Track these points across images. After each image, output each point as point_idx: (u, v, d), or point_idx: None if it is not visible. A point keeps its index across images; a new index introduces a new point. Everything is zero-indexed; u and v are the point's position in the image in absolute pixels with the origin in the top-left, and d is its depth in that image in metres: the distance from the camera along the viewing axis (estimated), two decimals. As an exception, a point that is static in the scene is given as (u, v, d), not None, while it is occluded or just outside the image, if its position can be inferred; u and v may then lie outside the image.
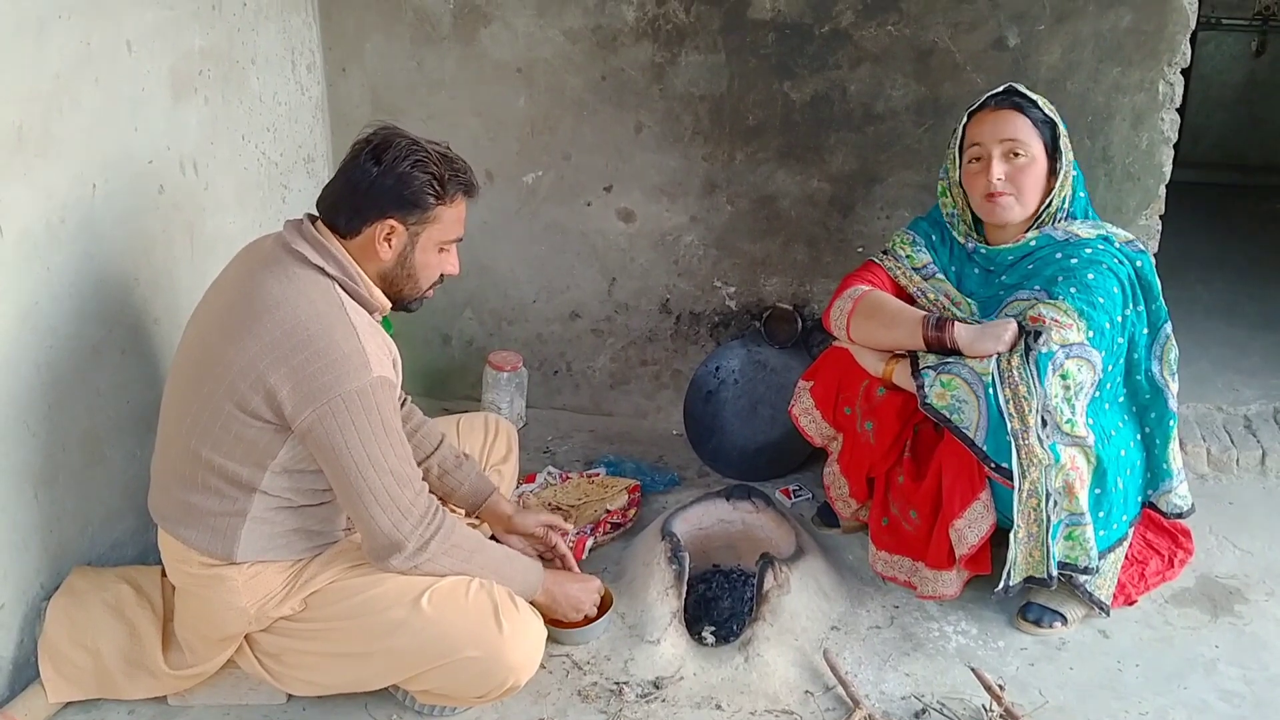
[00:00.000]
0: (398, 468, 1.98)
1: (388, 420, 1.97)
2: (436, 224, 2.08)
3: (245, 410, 1.95)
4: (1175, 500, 2.54)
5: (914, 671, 2.32)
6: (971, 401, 2.25)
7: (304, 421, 1.92)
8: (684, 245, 3.29)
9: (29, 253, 2.12)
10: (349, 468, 1.94)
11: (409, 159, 2.01)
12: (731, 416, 3.17)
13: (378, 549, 2.01)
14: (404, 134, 2.06)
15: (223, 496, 2.02)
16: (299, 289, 1.98)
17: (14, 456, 2.13)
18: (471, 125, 3.27)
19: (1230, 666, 2.34)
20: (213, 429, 1.98)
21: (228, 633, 2.09)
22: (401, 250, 2.08)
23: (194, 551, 2.06)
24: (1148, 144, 2.90)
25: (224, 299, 2.05)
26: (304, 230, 2.05)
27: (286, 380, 1.92)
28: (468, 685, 2.06)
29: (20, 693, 2.15)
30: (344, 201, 2.05)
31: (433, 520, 2.03)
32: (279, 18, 3.00)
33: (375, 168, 2.01)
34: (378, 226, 2.03)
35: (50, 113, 2.15)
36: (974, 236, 2.53)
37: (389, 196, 2.02)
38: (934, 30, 2.93)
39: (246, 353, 1.94)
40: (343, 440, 1.93)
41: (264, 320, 1.95)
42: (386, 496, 1.96)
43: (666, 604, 2.40)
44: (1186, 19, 2.78)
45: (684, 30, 3.06)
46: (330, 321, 1.95)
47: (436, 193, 2.04)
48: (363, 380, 1.93)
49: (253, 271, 2.03)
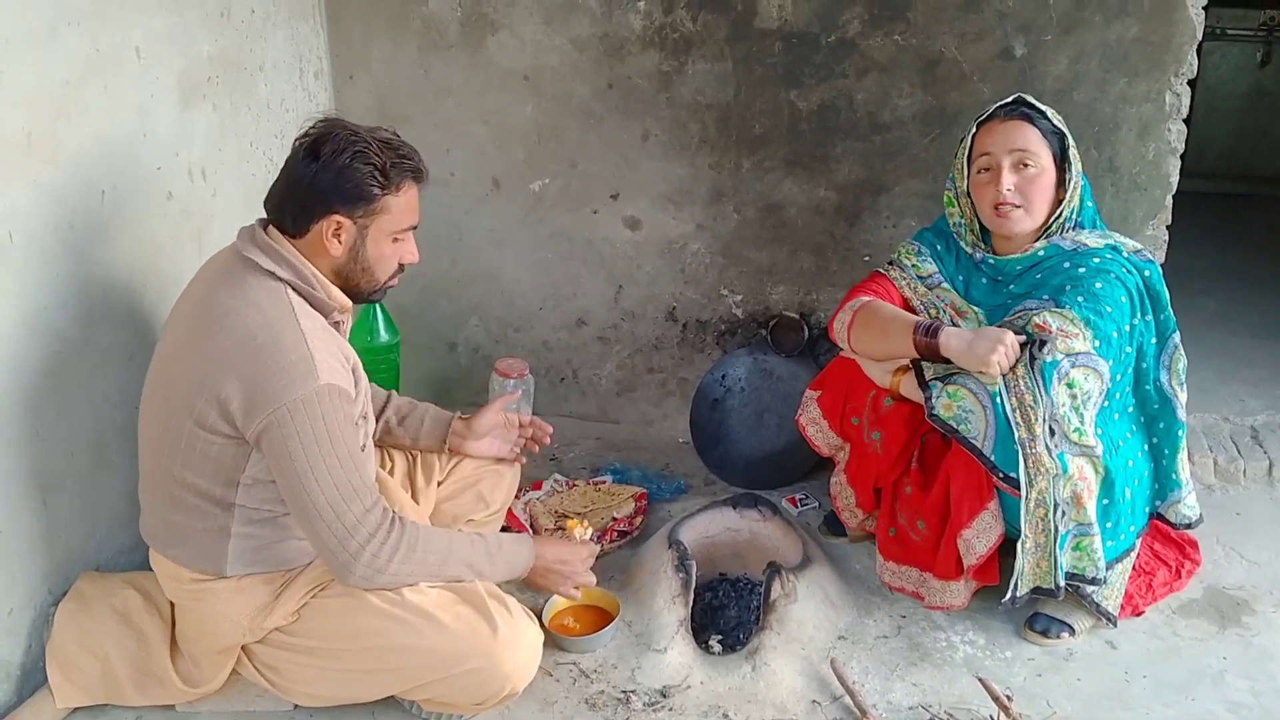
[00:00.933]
0: (344, 481, 1.91)
1: (335, 430, 1.91)
2: (385, 214, 2.04)
3: (204, 426, 1.93)
4: (1184, 511, 2.53)
5: (921, 681, 2.31)
6: (978, 412, 2.24)
7: (254, 431, 1.90)
8: (690, 253, 3.29)
9: (37, 258, 2.12)
10: (294, 480, 1.90)
11: (347, 151, 1.96)
12: (738, 425, 3.17)
13: (331, 567, 1.97)
14: (344, 125, 2.01)
15: (203, 514, 2.01)
16: (248, 298, 1.95)
17: (22, 462, 2.13)
18: (478, 133, 3.27)
19: (1238, 678, 2.33)
20: (179, 447, 1.97)
21: (223, 644, 2.09)
22: (352, 245, 2.04)
23: (184, 569, 2.06)
24: (1154, 154, 2.90)
25: (182, 313, 2.05)
26: (256, 236, 2.02)
27: (237, 391, 1.89)
28: (465, 695, 2.06)
29: (28, 698, 2.15)
30: (287, 201, 2.01)
31: (387, 537, 1.96)
32: (287, 25, 3.00)
33: (314, 163, 1.96)
34: (324, 223, 2.00)
35: (59, 119, 2.15)
36: (981, 246, 2.53)
37: (331, 192, 1.98)
38: (941, 40, 2.93)
39: (199, 366, 1.93)
40: (288, 450, 1.88)
41: (214, 333, 1.93)
42: (331, 512, 1.91)
43: (673, 612, 2.39)
44: (1193, 30, 2.78)
45: (691, 39, 3.06)
46: (279, 329, 1.92)
47: (380, 183, 2.00)
48: (309, 388, 1.88)
49: (209, 283, 2.02)
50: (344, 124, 2.02)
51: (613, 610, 2.43)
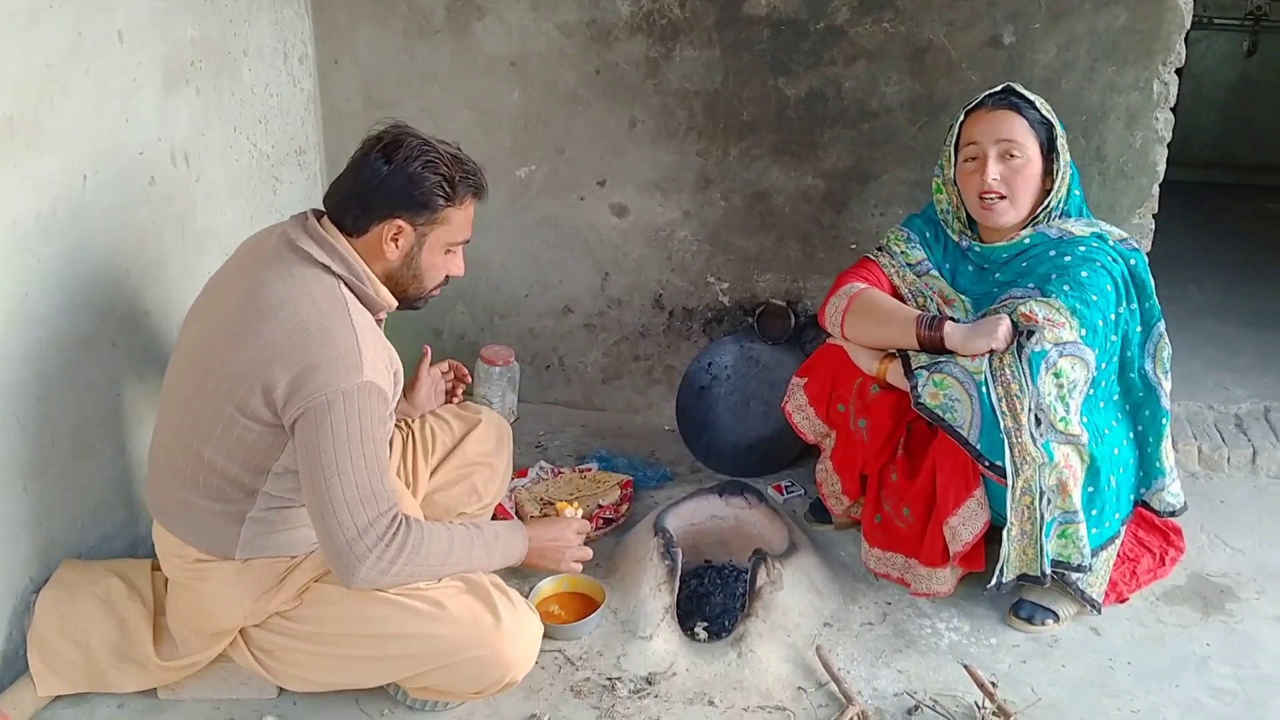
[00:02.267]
0: (364, 482, 1.89)
1: (367, 429, 1.90)
2: (445, 225, 2.06)
3: (245, 413, 1.93)
4: (1168, 498, 2.54)
5: (906, 668, 2.32)
6: (964, 400, 2.24)
7: (291, 416, 1.89)
8: (677, 240, 3.28)
9: (19, 244, 2.10)
10: (316, 471, 1.88)
11: (420, 159, 1.98)
12: (724, 412, 3.17)
13: (334, 568, 1.93)
14: (416, 133, 2.03)
15: (223, 498, 2.01)
16: (302, 288, 1.95)
17: (3, 449, 2.12)
18: (464, 119, 3.26)
19: (1221, 664, 2.34)
20: (214, 431, 1.96)
21: (222, 626, 2.08)
22: (408, 251, 2.05)
23: (191, 548, 2.05)
24: (1141, 143, 2.90)
25: (227, 298, 2.02)
26: (309, 227, 2.02)
27: (283, 376, 1.89)
28: (465, 682, 2.06)
29: (8, 686, 2.13)
30: (353, 199, 2.01)
31: (392, 541, 1.91)
32: (271, 9, 2.98)
33: (386, 166, 1.98)
34: (385, 226, 2.01)
35: (41, 103, 2.13)
36: (968, 234, 2.53)
37: (398, 196, 1.99)
38: (929, 27, 2.92)
39: (247, 354, 1.92)
40: (318, 440, 1.87)
41: (266, 321, 1.92)
42: (345, 511, 1.88)
43: (659, 599, 2.39)
44: (1181, 19, 2.78)
45: (679, 25, 3.05)
46: (332, 320, 1.92)
47: (446, 194, 2.01)
48: (352, 382, 1.88)
49: (257, 269, 2.00)
50: (416, 131, 2.04)
51: (598, 598, 2.43)
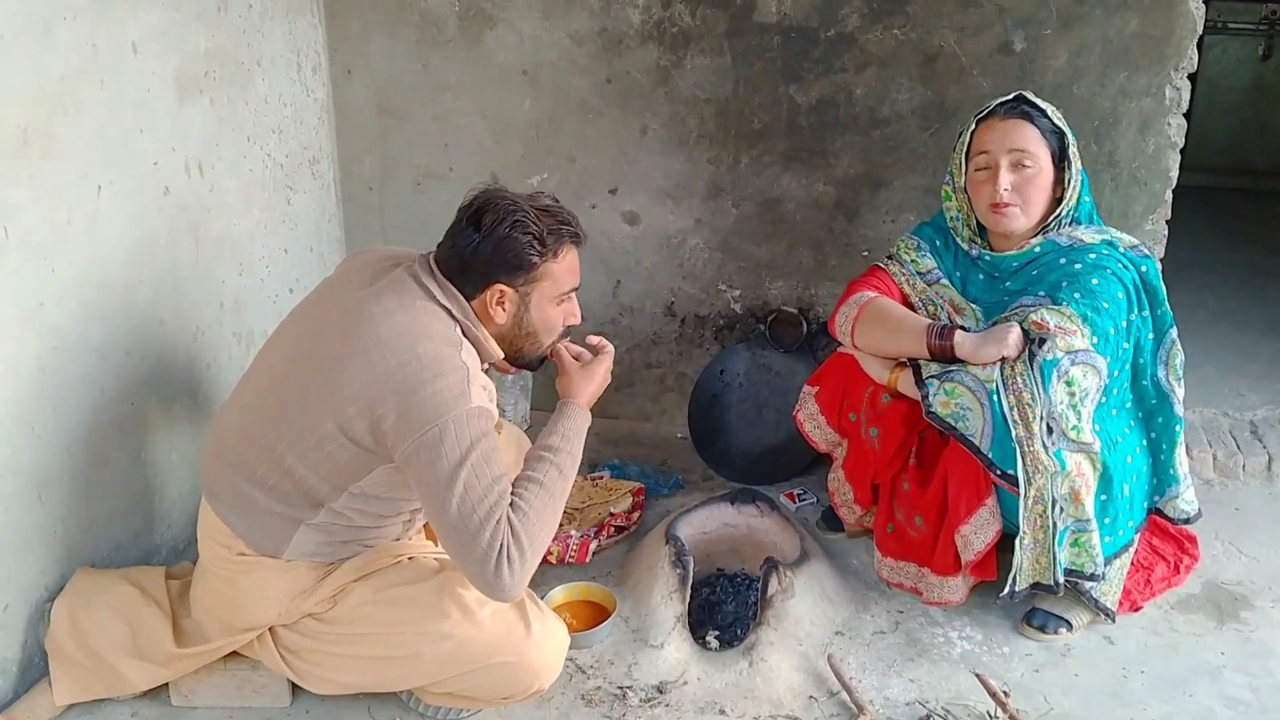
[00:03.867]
0: (480, 500, 1.88)
1: (484, 447, 1.91)
2: (547, 280, 2.06)
3: (347, 434, 1.94)
4: (1182, 506, 2.53)
5: (918, 677, 2.31)
6: (976, 409, 2.24)
7: (404, 451, 1.90)
8: (689, 248, 3.29)
9: (34, 254, 2.12)
10: (437, 497, 1.89)
11: (506, 221, 1.99)
12: (736, 420, 3.16)
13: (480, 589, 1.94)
14: (503, 195, 2.05)
15: (288, 502, 2.02)
16: (422, 322, 1.97)
17: (18, 458, 2.13)
18: (476, 127, 3.27)
19: (1236, 673, 2.33)
20: (307, 443, 1.97)
21: (253, 622, 2.09)
22: (515, 312, 2.07)
23: (239, 540, 2.06)
24: (1154, 149, 2.89)
25: (339, 313, 2.03)
26: (434, 272, 2.05)
27: (394, 410, 1.90)
28: (493, 688, 2.07)
29: (24, 694, 2.15)
30: (455, 270, 2.04)
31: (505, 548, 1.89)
32: (285, 19, 3.00)
33: (475, 235, 2.00)
34: (488, 292, 2.03)
35: (55, 114, 2.15)
36: (978, 242, 2.52)
37: (493, 262, 2.01)
38: (940, 34, 2.92)
39: (360, 379, 1.93)
40: (435, 467, 1.88)
41: (383, 349, 1.93)
42: (467, 532, 1.88)
43: (670, 608, 2.39)
44: (1194, 24, 2.77)
45: (689, 33, 3.06)
46: (446, 363, 1.93)
47: (539, 251, 2.02)
48: (460, 410, 1.90)
49: (380, 294, 2.02)
50: (503, 193, 2.06)
51: (610, 606, 2.43)
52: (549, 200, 2.09)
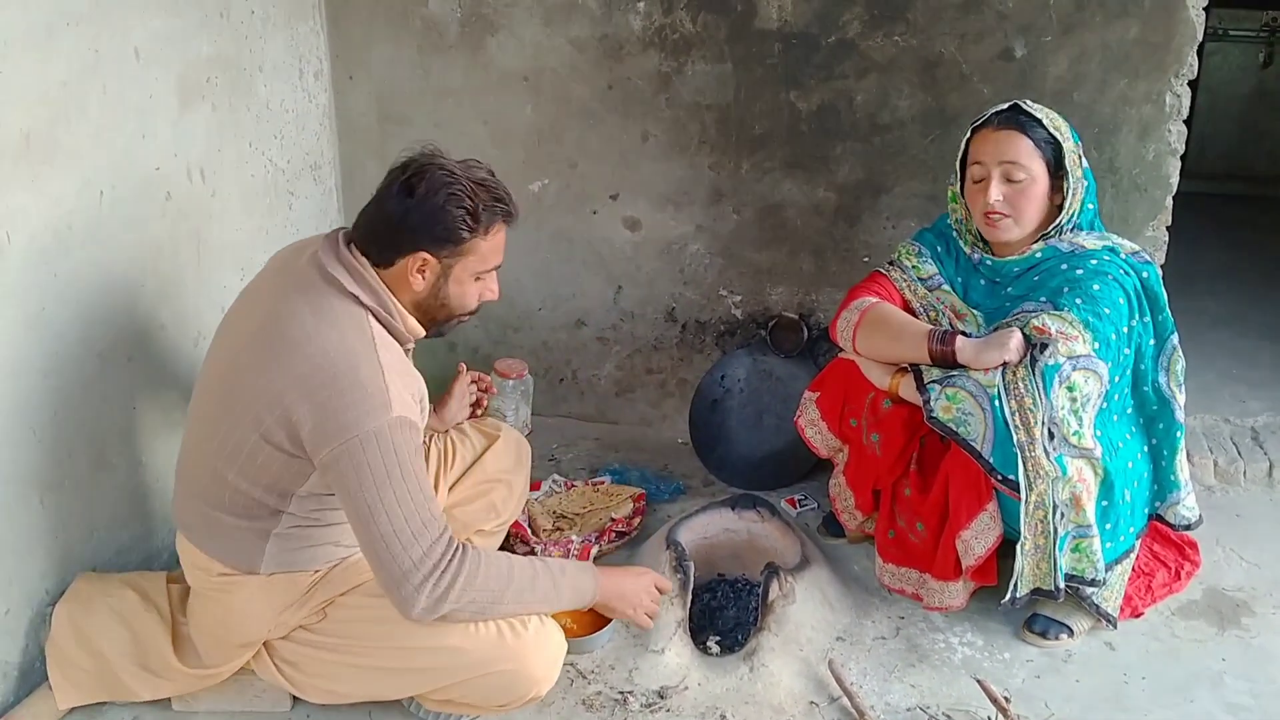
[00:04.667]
0: (413, 514, 1.88)
1: (406, 463, 1.88)
2: (472, 255, 2.02)
3: (270, 442, 1.93)
4: (1183, 512, 2.53)
5: (919, 683, 2.31)
6: (977, 414, 2.24)
7: (324, 459, 1.89)
8: (690, 254, 3.29)
9: (36, 259, 2.12)
10: (361, 511, 1.87)
11: (442, 192, 1.94)
12: (737, 425, 3.17)
13: (393, 601, 1.92)
14: (441, 162, 1.99)
15: (248, 515, 2.01)
16: (331, 321, 1.94)
17: (20, 462, 2.13)
18: (478, 133, 3.27)
19: (1237, 680, 2.33)
20: (238, 455, 1.96)
21: (247, 639, 2.09)
22: (434, 282, 2.03)
23: (216, 562, 2.06)
24: (1154, 155, 2.89)
25: (254, 321, 2.02)
26: (340, 254, 2.00)
27: (310, 416, 1.88)
28: (491, 696, 2.06)
29: (25, 698, 2.15)
30: (377, 233, 1.99)
31: (447, 568, 1.90)
32: (287, 26, 3.00)
33: (408, 200, 1.94)
34: (410, 259, 1.98)
35: (58, 120, 2.16)
36: (980, 247, 2.52)
37: (421, 231, 1.96)
38: (941, 41, 2.93)
39: (274, 384, 1.91)
40: (357, 481, 1.86)
41: (294, 352, 1.91)
42: (399, 545, 1.87)
43: (671, 613, 2.39)
44: (1194, 31, 2.77)
45: (691, 40, 3.06)
46: (358, 359, 1.90)
47: (470, 227, 1.97)
48: (381, 420, 1.86)
49: (287, 294, 1.99)
50: (441, 161, 1.99)
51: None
52: (485, 173, 2.03)
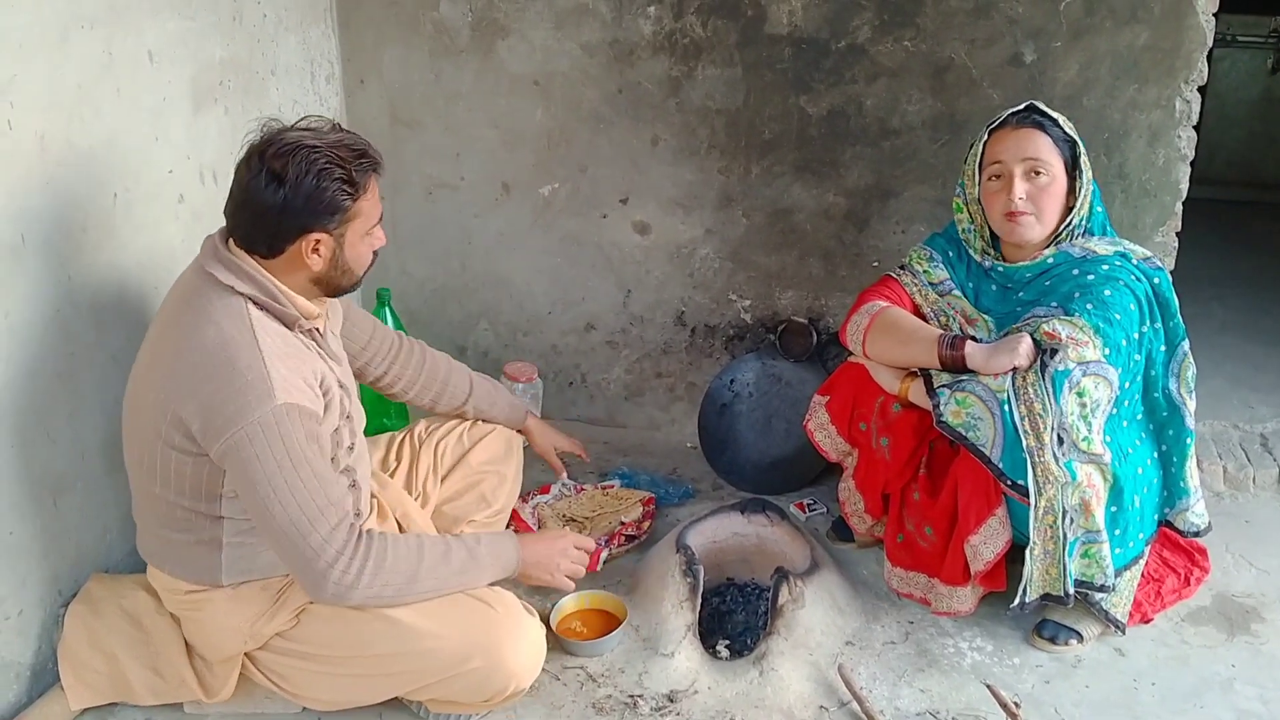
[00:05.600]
0: (308, 501, 1.88)
1: (296, 450, 1.87)
2: (357, 218, 1.99)
3: (172, 446, 1.92)
4: (1192, 519, 2.53)
5: (929, 688, 2.31)
6: (987, 419, 2.24)
7: (217, 453, 1.88)
8: (699, 258, 3.30)
9: (50, 261, 2.14)
10: (257, 502, 1.88)
11: (311, 171, 1.89)
12: (746, 429, 3.17)
13: (304, 587, 1.94)
14: (295, 138, 1.91)
15: (193, 527, 2.02)
16: (208, 315, 1.91)
17: (34, 464, 2.14)
18: (488, 137, 3.28)
19: (1247, 686, 2.32)
20: (155, 468, 1.97)
21: (227, 652, 2.10)
22: (331, 255, 1.99)
23: (181, 581, 2.07)
24: (1164, 161, 2.89)
25: (153, 331, 2.04)
26: (218, 251, 1.97)
27: (196, 414, 1.87)
28: (470, 693, 2.07)
29: (38, 699, 2.16)
30: (258, 230, 1.94)
31: (355, 554, 1.91)
32: (299, 29, 3.02)
33: (280, 189, 1.89)
34: (301, 242, 1.95)
35: (72, 122, 2.17)
36: (990, 254, 2.53)
37: (304, 214, 1.92)
38: (950, 46, 2.93)
39: (162, 389, 1.92)
40: (249, 474, 1.86)
41: (175, 352, 1.91)
42: (295, 531, 1.87)
43: (681, 617, 2.39)
44: (1204, 37, 2.77)
45: (701, 44, 3.07)
46: (235, 348, 1.88)
47: (350, 193, 1.94)
48: (264, 410, 1.85)
49: (174, 299, 2.01)
50: (295, 137, 1.92)
51: (620, 615, 2.44)
52: (338, 131, 1.98)
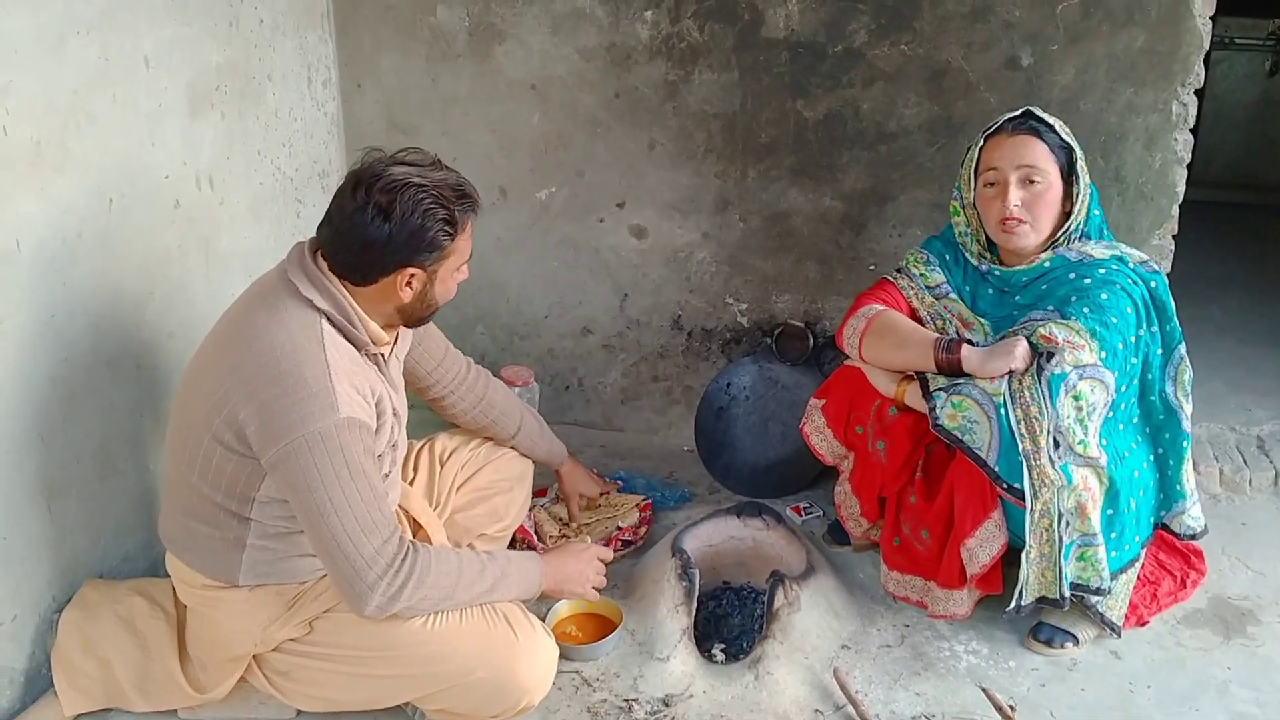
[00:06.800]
0: (363, 514, 1.89)
1: (354, 463, 1.89)
2: (453, 256, 2.03)
3: (222, 443, 1.93)
4: (1188, 522, 2.52)
5: (925, 691, 2.31)
6: (983, 422, 2.24)
7: (270, 458, 1.89)
8: (696, 262, 3.30)
9: (45, 267, 2.14)
10: (311, 511, 1.88)
11: (418, 209, 1.92)
12: (743, 433, 3.17)
13: (345, 598, 1.95)
14: (403, 175, 1.94)
15: (220, 524, 2.02)
16: (280, 321, 1.93)
17: (28, 469, 2.14)
18: (485, 142, 3.29)
19: (1242, 688, 2.33)
20: (197, 459, 1.97)
21: (235, 652, 2.10)
22: (422, 289, 2.03)
23: (198, 574, 2.07)
24: (1161, 164, 2.89)
25: (220, 327, 2.05)
26: (304, 263, 1.99)
27: (255, 415, 1.88)
28: (481, 705, 2.06)
29: (32, 704, 2.16)
30: (358, 262, 1.97)
31: (401, 568, 1.92)
32: (296, 34, 3.02)
33: (386, 225, 1.91)
34: (396, 276, 1.98)
35: (68, 128, 2.17)
36: (987, 257, 2.53)
37: (406, 250, 1.95)
38: (947, 50, 2.93)
39: (221, 384, 1.92)
40: (305, 482, 1.87)
41: (241, 352, 1.92)
42: (350, 544, 1.88)
43: (676, 621, 2.39)
44: (1200, 40, 2.77)
45: (698, 49, 3.07)
46: (303, 357, 1.90)
47: (450, 233, 1.98)
48: (327, 421, 1.87)
49: (249, 300, 2.02)
50: (402, 173, 1.94)
51: (615, 619, 2.44)
52: (442, 169, 2.00)
